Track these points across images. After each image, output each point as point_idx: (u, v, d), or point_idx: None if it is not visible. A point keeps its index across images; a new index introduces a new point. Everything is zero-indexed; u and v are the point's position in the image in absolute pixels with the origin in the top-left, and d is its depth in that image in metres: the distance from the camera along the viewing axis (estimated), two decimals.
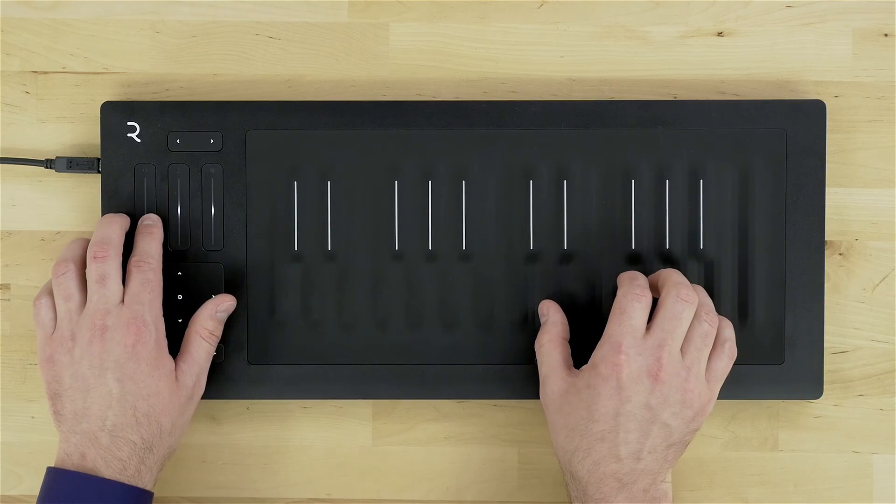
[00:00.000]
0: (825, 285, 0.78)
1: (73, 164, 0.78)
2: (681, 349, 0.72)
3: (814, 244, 0.77)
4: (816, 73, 0.79)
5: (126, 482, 0.71)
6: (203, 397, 0.78)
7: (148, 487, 0.73)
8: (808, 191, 0.77)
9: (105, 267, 0.73)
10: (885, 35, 0.79)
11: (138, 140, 0.77)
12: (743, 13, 0.79)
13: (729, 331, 0.74)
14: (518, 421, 0.80)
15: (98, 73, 0.80)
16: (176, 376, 0.74)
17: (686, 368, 0.72)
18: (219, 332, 0.76)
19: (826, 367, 0.78)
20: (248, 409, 0.80)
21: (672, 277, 0.73)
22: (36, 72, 0.80)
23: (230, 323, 0.77)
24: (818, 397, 0.78)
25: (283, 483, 0.80)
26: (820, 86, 0.79)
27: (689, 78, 0.79)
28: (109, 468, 0.71)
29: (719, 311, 0.77)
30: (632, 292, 0.72)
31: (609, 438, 0.71)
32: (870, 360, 0.79)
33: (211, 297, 0.77)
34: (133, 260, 0.74)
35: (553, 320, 0.76)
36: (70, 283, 0.73)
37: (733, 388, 0.77)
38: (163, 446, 0.73)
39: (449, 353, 0.77)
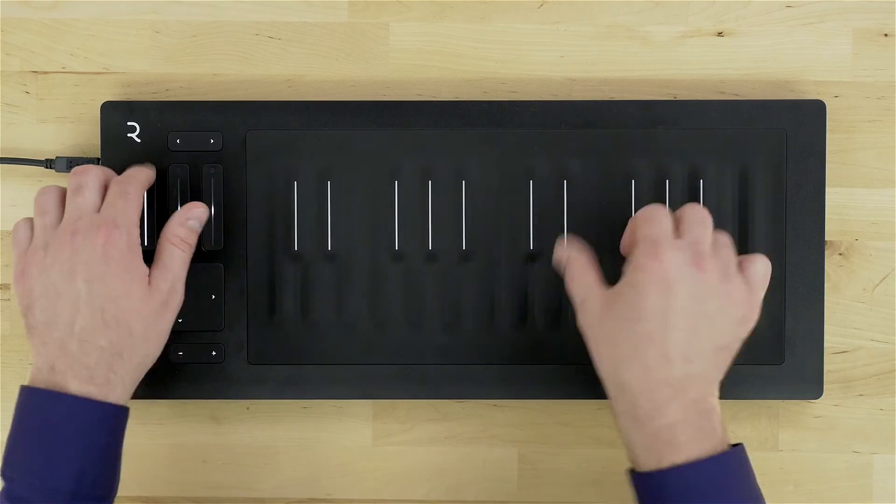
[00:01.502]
0: (825, 285, 0.78)
1: (73, 164, 0.78)
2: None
3: (814, 244, 0.77)
4: (816, 73, 0.79)
5: (95, 395, 0.69)
6: (203, 397, 0.78)
7: (120, 402, 0.70)
8: (808, 191, 0.77)
9: (82, 178, 0.72)
10: (885, 35, 0.79)
11: (138, 140, 0.77)
12: (743, 13, 0.79)
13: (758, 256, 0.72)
14: (518, 421, 0.80)
15: (98, 73, 0.80)
16: (149, 282, 0.72)
17: (724, 266, 0.69)
18: (192, 240, 0.74)
19: (826, 367, 0.78)
20: (248, 409, 0.80)
21: (684, 205, 0.72)
22: (36, 72, 0.80)
23: (230, 323, 0.77)
24: (818, 397, 0.78)
25: (283, 483, 0.80)
26: (820, 86, 0.79)
27: (689, 78, 0.79)
28: (77, 377, 0.69)
29: None
30: (654, 207, 0.71)
31: (658, 338, 0.67)
32: (870, 360, 0.79)
33: (212, 297, 0.77)
34: (114, 179, 0.73)
35: (576, 252, 0.73)
36: (49, 200, 0.72)
37: (733, 388, 0.77)
38: (135, 353, 0.71)
39: (449, 353, 0.77)
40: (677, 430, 0.67)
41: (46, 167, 0.78)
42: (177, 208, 0.77)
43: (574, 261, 0.73)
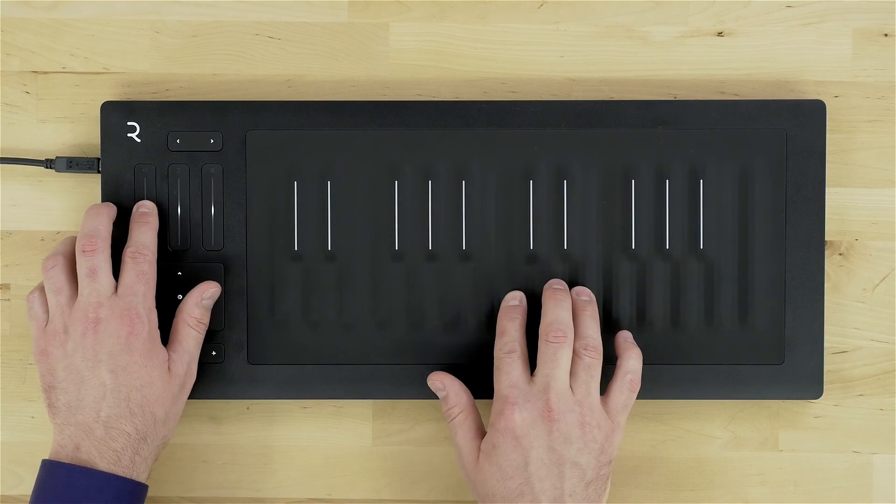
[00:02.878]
0: (825, 285, 0.78)
1: (73, 164, 0.78)
2: (570, 386, 0.73)
3: (814, 244, 0.77)
4: (816, 73, 0.79)
5: (121, 474, 0.71)
6: (203, 397, 0.78)
7: (142, 479, 0.73)
8: (808, 191, 0.77)
9: (94, 260, 0.73)
10: (885, 35, 0.79)
11: (138, 140, 0.77)
12: (743, 13, 0.79)
13: (633, 362, 0.74)
14: None
15: (98, 73, 0.80)
16: (168, 367, 0.74)
17: (578, 403, 0.72)
18: (206, 320, 0.76)
19: (826, 367, 0.78)
20: (248, 409, 0.80)
21: (545, 319, 0.74)
22: (36, 72, 0.80)
23: (230, 323, 0.77)
24: (818, 397, 0.78)
25: (283, 483, 0.80)
26: (820, 86, 0.79)
27: (689, 78, 0.79)
28: (104, 459, 0.71)
29: (719, 310, 0.77)
30: (502, 350, 0.74)
31: (527, 492, 0.71)
32: (870, 360, 0.79)
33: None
34: (128, 251, 0.74)
35: (454, 391, 0.76)
36: (59, 276, 0.74)
37: (733, 388, 0.77)
38: (157, 436, 0.73)
39: (449, 353, 0.77)
40: None
41: (46, 167, 0.78)
42: (177, 208, 0.77)
43: (452, 402, 0.75)
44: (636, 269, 0.77)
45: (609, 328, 0.77)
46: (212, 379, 0.77)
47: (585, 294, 0.76)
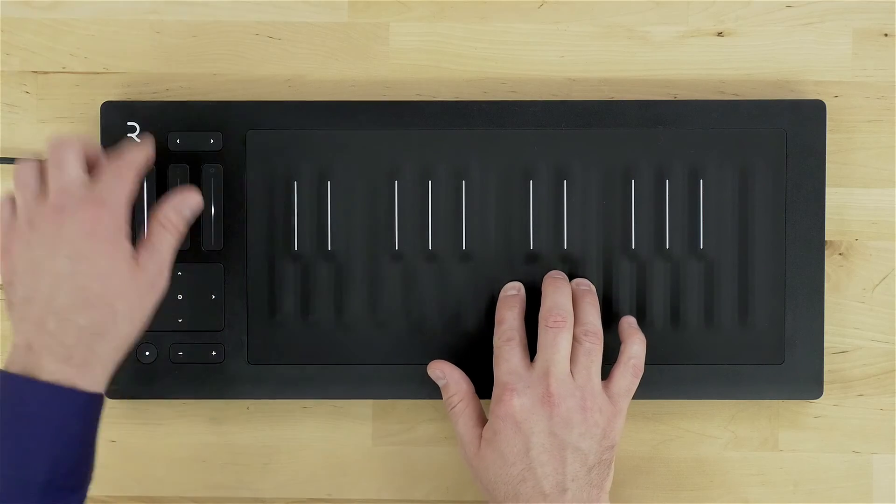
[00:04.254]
0: (825, 285, 0.78)
1: None
2: (571, 372, 0.72)
3: (814, 244, 0.77)
4: (816, 73, 0.79)
5: (72, 377, 0.66)
6: (203, 397, 0.78)
7: (98, 387, 0.68)
8: (808, 191, 0.77)
9: (63, 153, 0.69)
10: (885, 35, 0.79)
11: (138, 140, 0.77)
12: (743, 13, 0.79)
13: (637, 347, 0.74)
14: None
15: (98, 73, 0.80)
16: (137, 262, 0.69)
17: (579, 388, 0.72)
18: (182, 227, 0.72)
19: (826, 367, 0.78)
20: (248, 409, 0.80)
21: (545, 304, 0.74)
22: (36, 72, 0.80)
23: (230, 323, 0.77)
24: (818, 397, 0.78)
25: (283, 483, 0.80)
26: (820, 86, 0.79)
27: (689, 78, 0.79)
28: (54, 356, 0.66)
29: (719, 310, 0.77)
30: (501, 339, 0.74)
31: (529, 477, 0.71)
32: (870, 360, 0.79)
33: (212, 297, 0.77)
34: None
35: (454, 379, 0.75)
36: (28, 172, 0.70)
37: (733, 388, 0.77)
38: (116, 334, 0.68)
39: (449, 353, 0.77)
40: None
41: None
42: None
43: (453, 390, 0.75)
44: (636, 268, 0.77)
45: (609, 328, 0.77)
46: (212, 379, 0.77)
47: (584, 283, 0.76)
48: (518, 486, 0.71)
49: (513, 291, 0.76)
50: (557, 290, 0.75)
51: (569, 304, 0.74)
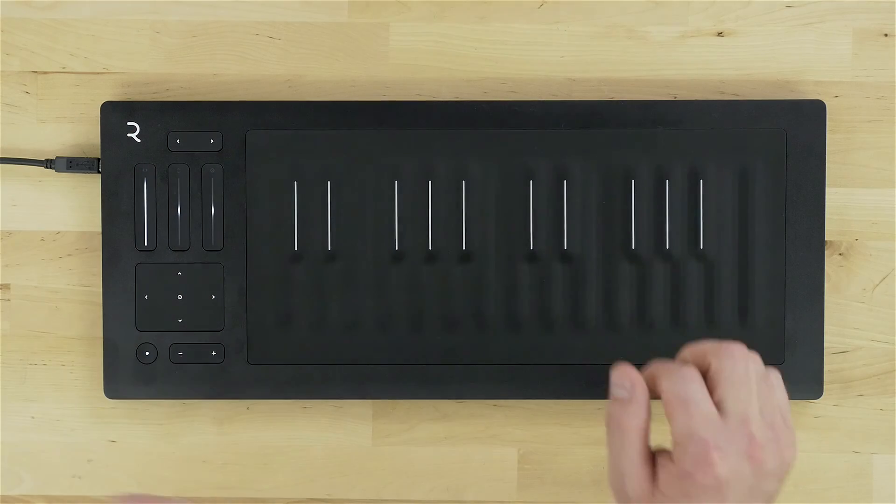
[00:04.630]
0: (825, 285, 0.78)
1: (73, 164, 0.78)
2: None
3: (814, 244, 0.77)
4: (816, 73, 0.79)
5: None
6: (203, 397, 0.78)
7: None
8: (808, 191, 0.77)
9: None
10: (885, 35, 0.79)
11: (138, 140, 0.77)
12: (743, 13, 0.79)
13: (759, 359, 0.63)
14: (518, 421, 0.80)
15: (98, 73, 0.80)
16: None
17: (771, 426, 0.61)
18: None
19: (826, 367, 0.78)
20: (248, 409, 0.80)
21: (706, 345, 0.63)
22: (36, 72, 0.80)
23: (230, 323, 0.77)
24: (818, 397, 0.78)
25: (283, 483, 0.80)
26: (820, 86, 0.79)
27: (689, 78, 0.79)
28: None
29: (720, 310, 0.77)
30: (679, 372, 0.61)
31: None
32: (870, 360, 0.79)
33: (212, 297, 0.77)
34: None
35: (639, 400, 0.62)
36: None
37: None
38: None
39: (449, 353, 0.77)
40: None
41: (46, 167, 0.78)
42: (177, 208, 0.77)
43: (635, 411, 0.62)
44: (636, 269, 0.77)
45: (609, 328, 0.77)
46: (212, 379, 0.77)
47: None
48: None
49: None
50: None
51: None
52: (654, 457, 0.62)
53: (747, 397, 0.61)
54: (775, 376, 0.63)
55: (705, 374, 0.62)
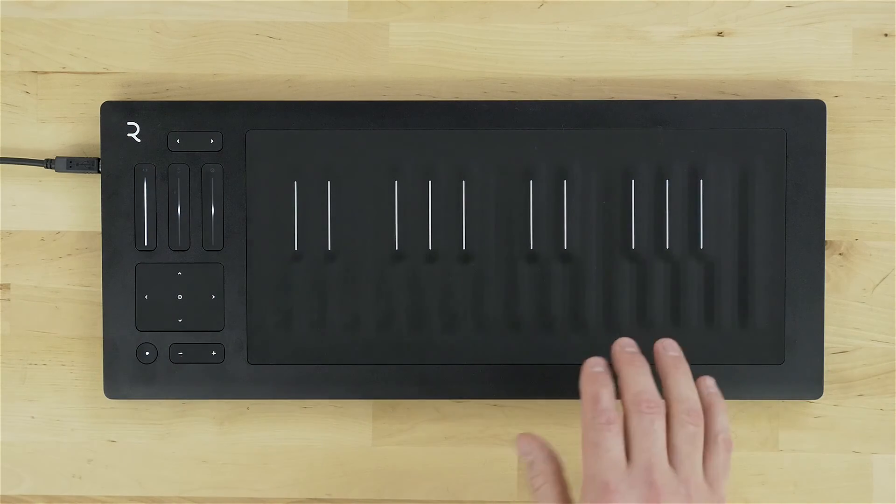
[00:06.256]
0: (825, 285, 0.78)
1: (73, 164, 0.78)
2: (670, 461, 0.65)
3: (814, 244, 0.77)
4: (816, 73, 0.79)
5: None
6: (203, 397, 0.78)
7: None
8: (808, 191, 0.77)
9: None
10: (885, 35, 0.79)
11: (138, 140, 0.77)
12: (743, 13, 0.79)
13: (721, 418, 0.68)
14: (518, 421, 0.80)
15: (98, 73, 0.80)
16: None
17: (683, 482, 0.65)
18: None
19: (826, 367, 0.78)
20: (248, 409, 0.80)
21: (631, 388, 0.67)
22: (36, 72, 0.80)
23: (230, 323, 0.77)
24: (818, 397, 0.78)
25: (283, 483, 0.80)
26: (820, 86, 0.79)
27: (689, 78, 0.79)
28: None
29: (719, 310, 0.77)
30: (597, 420, 0.66)
31: None
32: (870, 360, 0.79)
33: (212, 297, 0.77)
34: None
35: (541, 458, 0.69)
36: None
37: (733, 388, 0.77)
38: None
39: (449, 353, 0.77)
40: None
41: (46, 167, 0.79)
42: (177, 208, 0.77)
43: (540, 468, 0.69)
44: (636, 269, 0.77)
45: (609, 328, 0.77)
46: (212, 379, 0.77)
47: (672, 348, 0.70)
48: None
49: (598, 368, 0.68)
50: (639, 371, 0.67)
51: (653, 384, 0.67)
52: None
53: (650, 448, 0.64)
54: (725, 446, 0.67)
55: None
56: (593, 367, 0.69)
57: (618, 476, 0.65)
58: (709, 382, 0.70)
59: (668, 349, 0.70)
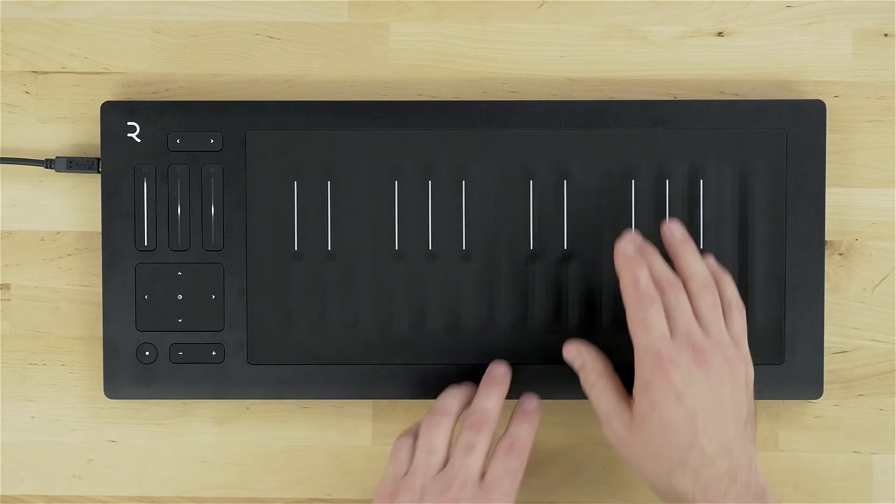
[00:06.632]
0: (825, 285, 0.78)
1: (73, 164, 0.78)
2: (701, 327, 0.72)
3: (814, 244, 0.77)
4: (816, 73, 0.79)
5: None
6: (203, 397, 0.78)
7: None
8: (808, 191, 0.77)
9: (477, 438, 0.72)
10: (885, 35, 0.79)
11: (138, 140, 0.77)
12: (743, 13, 0.79)
13: (730, 287, 0.73)
14: None
15: (98, 73, 0.80)
16: None
17: (716, 343, 0.71)
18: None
19: (826, 367, 0.78)
20: (248, 409, 0.80)
21: (628, 279, 0.72)
22: (36, 72, 0.80)
23: (230, 323, 0.77)
24: (818, 397, 0.78)
25: (283, 483, 0.80)
26: (820, 86, 0.79)
27: (689, 78, 0.79)
28: None
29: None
30: (641, 301, 0.71)
31: (695, 444, 0.69)
32: (870, 360, 0.79)
33: (212, 297, 0.77)
34: (505, 440, 0.73)
35: (592, 358, 0.74)
36: (439, 438, 0.72)
37: None
38: None
39: (449, 353, 0.77)
40: None
41: (46, 167, 0.79)
42: (177, 208, 0.77)
43: (593, 367, 0.74)
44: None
45: (612, 327, 0.77)
46: (212, 379, 0.77)
47: (679, 230, 0.74)
48: (685, 454, 0.70)
49: (631, 249, 0.73)
50: (649, 260, 0.73)
51: (667, 266, 0.73)
52: (628, 399, 0.72)
53: (684, 317, 0.71)
54: (738, 311, 0.73)
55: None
56: (627, 246, 0.73)
57: (667, 345, 0.71)
58: (711, 261, 0.75)
59: (674, 232, 0.74)
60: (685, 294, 0.72)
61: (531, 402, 0.75)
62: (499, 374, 0.75)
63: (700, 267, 0.73)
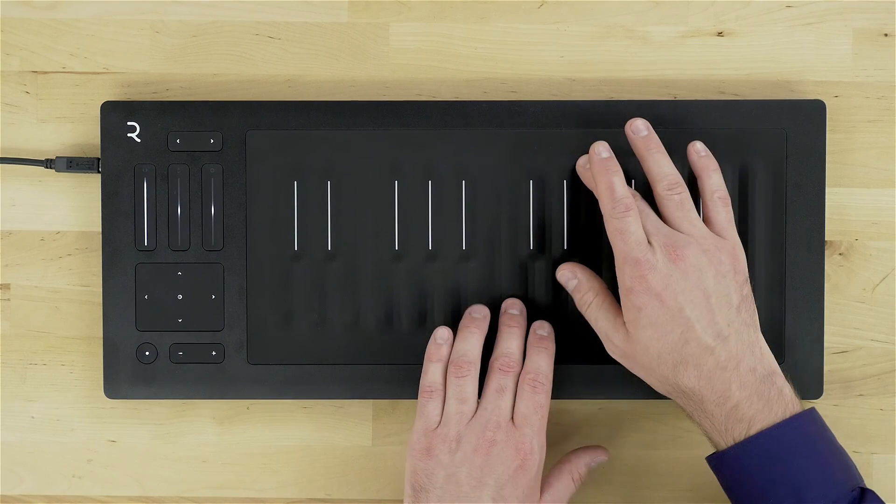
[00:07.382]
0: (825, 285, 0.78)
1: (73, 164, 0.78)
2: (673, 227, 0.72)
3: (814, 244, 0.77)
4: (816, 73, 0.79)
5: None
6: (203, 397, 0.78)
7: None
8: (808, 191, 0.77)
9: (506, 380, 0.73)
10: (885, 35, 0.79)
11: (138, 140, 0.77)
12: (743, 13, 0.79)
13: (714, 178, 0.74)
14: None
15: (98, 73, 0.80)
16: None
17: (688, 236, 0.72)
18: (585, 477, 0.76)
19: (826, 367, 0.78)
20: (248, 409, 0.80)
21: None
22: (36, 72, 0.80)
23: (230, 323, 0.77)
24: (818, 397, 0.78)
25: (283, 483, 0.80)
26: (820, 86, 0.79)
27: (689, 78, 0.79)
28: None
29: None
30: (617, 210, 0.72)
31: (690, 337, 0.70)
32: (870, 360, 0.79)
33: (212, 297, 0.77)
34: (527, 377, 0.74)
35: (586, 277, 0.75)
36: (469, 386, 0.73)
37: None
38: None
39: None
40: (743, 407, 0.70)
41: (46, 167, 0.79)
42: (177, 208, 0.77)
43: (588, 286, 0.75)
44: None
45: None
46: (212, 379, 0.77)
47: (645, 128, 0.74)
48: (683, 350, 0.70)
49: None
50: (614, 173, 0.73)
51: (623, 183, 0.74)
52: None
53: (654, 223, 0.72)
54: (722, 203, 0.73)
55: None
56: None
57: (644, 250, 0.71)
58: (698, 147, 0.75)
59: (640, 128, 0.74)
60: (644, 202, 0.73)
61: (543, 328, 0.76)
62: (516, 313, 0.76)
63: (667, 168, 0.73)
